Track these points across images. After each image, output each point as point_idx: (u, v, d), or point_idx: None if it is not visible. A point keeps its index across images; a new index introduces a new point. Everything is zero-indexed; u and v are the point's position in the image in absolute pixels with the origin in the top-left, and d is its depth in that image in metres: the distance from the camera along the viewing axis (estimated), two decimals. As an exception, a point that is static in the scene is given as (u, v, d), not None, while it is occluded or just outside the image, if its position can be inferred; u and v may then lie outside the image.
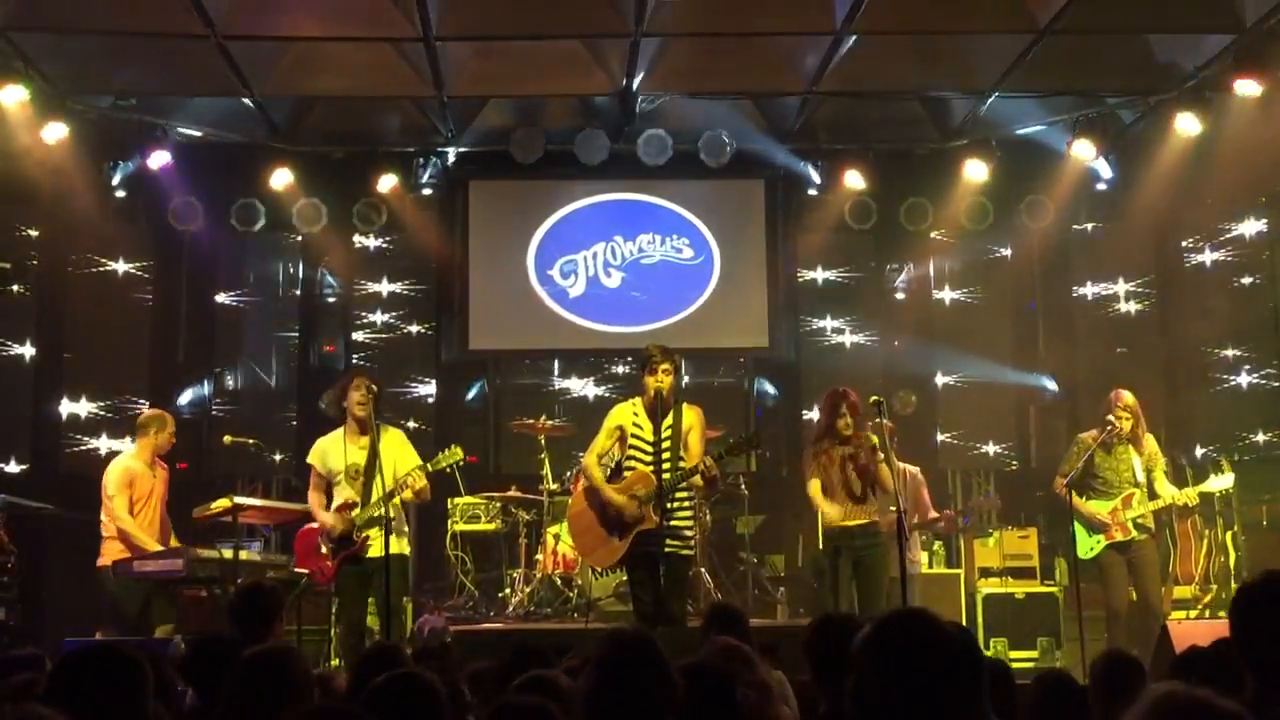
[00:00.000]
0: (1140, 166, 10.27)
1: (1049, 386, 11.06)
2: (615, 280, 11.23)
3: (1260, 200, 10.32)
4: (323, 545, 7.30)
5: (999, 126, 10.40)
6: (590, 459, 7.19)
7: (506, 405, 11.25)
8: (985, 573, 9.61)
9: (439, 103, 9.98)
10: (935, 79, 9.84)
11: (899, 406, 10.41)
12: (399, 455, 7.27)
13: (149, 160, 9.89)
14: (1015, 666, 8.49)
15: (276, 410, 10.92)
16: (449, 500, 9.63)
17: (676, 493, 6.92)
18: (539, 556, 9.35)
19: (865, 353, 11.25)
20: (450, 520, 9.68)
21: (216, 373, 10.95)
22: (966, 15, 8.67)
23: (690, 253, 11.25)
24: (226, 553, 7.45)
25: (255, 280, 11.10)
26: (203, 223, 10.58)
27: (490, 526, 9.71)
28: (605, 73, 9.60)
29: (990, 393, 11.04)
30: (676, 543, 6.93)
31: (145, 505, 7.84)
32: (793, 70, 9.57)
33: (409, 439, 7.57)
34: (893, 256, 11.49)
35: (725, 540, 10.05)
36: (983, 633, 8.97)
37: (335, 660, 8.22)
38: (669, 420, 6.98)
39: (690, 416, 7.06)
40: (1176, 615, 8.47)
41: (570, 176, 11.14)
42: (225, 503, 7.83)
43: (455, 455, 7.31)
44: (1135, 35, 9.16)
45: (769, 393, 11.49)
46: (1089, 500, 7.94)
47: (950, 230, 11.05)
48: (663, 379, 6.94)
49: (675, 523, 6.92)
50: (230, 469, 10.30)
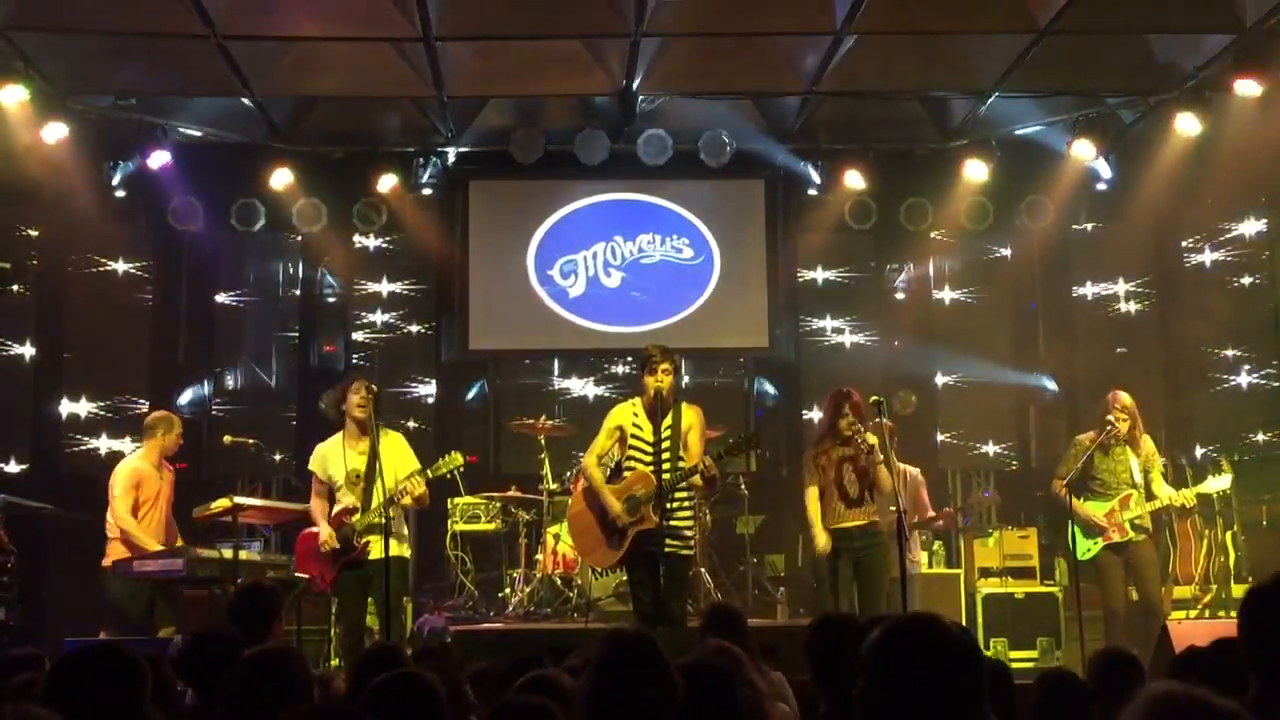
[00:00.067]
0: (1140, 166, 10.27)
1: (1049, 386, 11.06)
2: (615, 280, 11.22)
3: (1260, 200, 10.32)
4: (323, 551, 7.29)
5: (999, 126, 10.40)
6: (590, 459, 7.20)
7: (506, 405, 11.25)
8: (985, 573, 9.62)
9: (439, 103, 9.98)
10: (935, 79, 9.83)
11: (899, 406, 10.41)
12: (399, 459, 7.27)
13: (149, 160, 9.88)
14: (1015, 666, 8.52)
15: (276, 410, 10.90)
16: (449, 500, 9.63)
17: (676, 493, 6.92)
18: (539, 556, 9.35)
19: (865, 353, 11.23)
20: (450, 520, 9.68)
21: (216, 373, 10.92)
22: (966, 15, 8.67)
23: (690, 253, 11.25)
24: (226, 553, 7.45)
25: (255, 280, 11.08)
26: (203, 223, 10.57)
27: (490, 526, 9.71)
28: (605, 73, 9.60)
29: (990, 393, 11.03)
30: (676, 543, 6.93)
31: (152, 507, 7.85)
32: (793, 70, 9.57)
33: (409, 439, 7.58)
34: (893, 256, 11.48)
35: (725, 540, 10.05)
36: (983, 633, 8.98)
37: (335, 660, 8.22)
38: (668, 420, 6.98)
39: (690, 416, 7.07)
40: (1176, 615, 8.47)
41: (570, 176, 11.13)
42: (225, 503, 7.83)
43: (455, 461, 7.29)
44: (1135, 35, 9.16)
45: (769, 393, 11.48)
46: (1087, 501, 7.94)
47: (950, 230, 11.04)
48: (662, 379, 6.94)
49: (675, 523, 6.92)
50: (230, 469, 10.29)
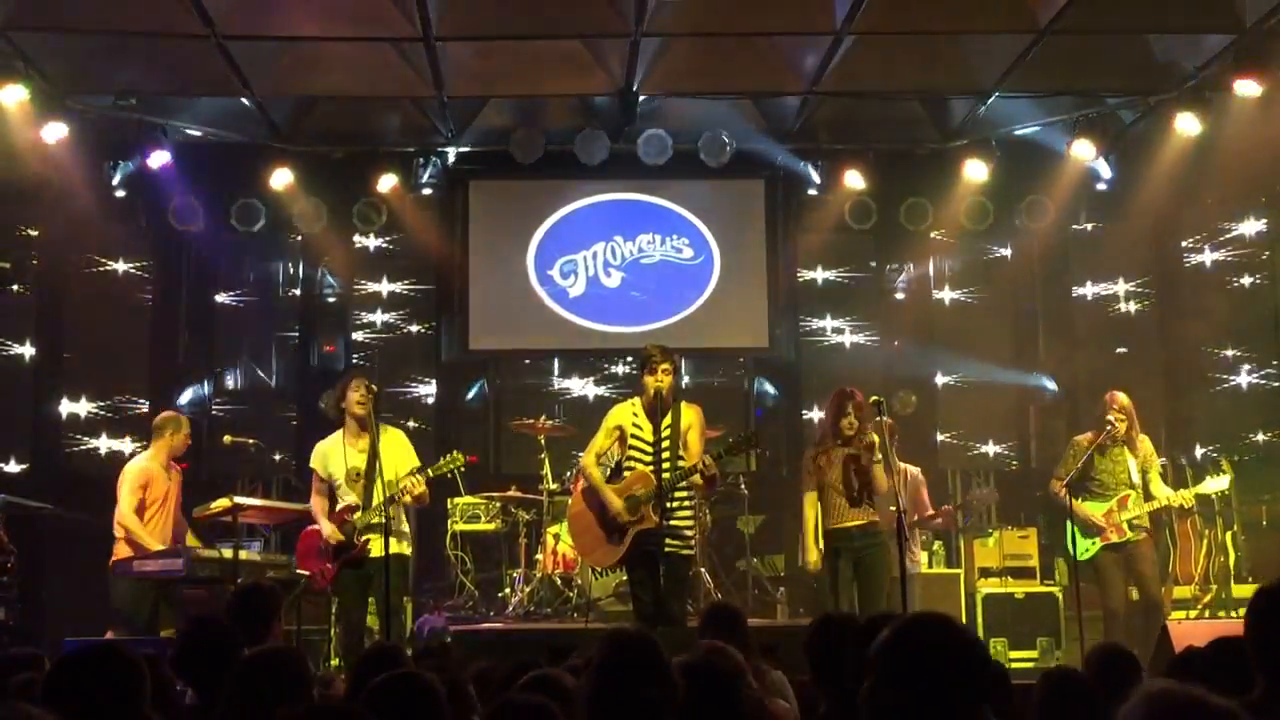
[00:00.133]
0: (1140, 166, 10.26)
1: (1049, 387, 11.06)
2: (615, 280, 11.22)
3: (1260, 200, 10.33)
4: (323, 549, 7.29)
5: (999, 126, 10.39)
6: (588, 458, 7.19)
7: (506, 405, 11.24)
8: (985, 573, 9.62)
9: (439, 103, 9.98)
10: (935, 79, 9.82)
11: (899, 406, 10.40)
12: (399, 456, 7.26)
13: (149, 160, 9.87)
14: (1015, 666, 8.54)
15: (276, 410, 10.92)
16: (449, 500, 9.63)
17: (676, 492, 6.92)
18: (539, 556, 9.34)
19: (865, 353, 11.24)
20: (450, 520, 9.68)
21: (216, 373, 10.94)
22: (966, 15, 8.67)
23: (690, 253, 11.24)
24: (226, 552, 7.46)
25: (255, 280, 11.09)
26: (203, 223, 10.56)
27: (490, 526, 9.71)
28: (605, 73, 9.59)
29: (990, 393, 11.04)
30: (676, 542, 6.93)
31: (161, 507, 7.86)
32: (793, 70, 9.57)
33: (409, 439, 7.56)
34: (893, 256, 11.47)
35: (725, 540, 10.04)
36: (982, 633, 8.96)
37: (335, 660, 8.22)
38: (668, 419, 6.98)
39: (689, 415, 7.06)
40: (1176, 615, 8.46)
41: (570, 176, 11.12)
42: (225, 503, 7.83)
43: (456, 461, 7.29)
44: (1135, 35, 9.15)
45: (769, 393, 11.47)
46: (1085, 501, 7.93)
47: (950, 230, 11.04)
48: (662, 379, 6.94)
49: (675, 522, 6.91)
50: (230, 469, 10.29)
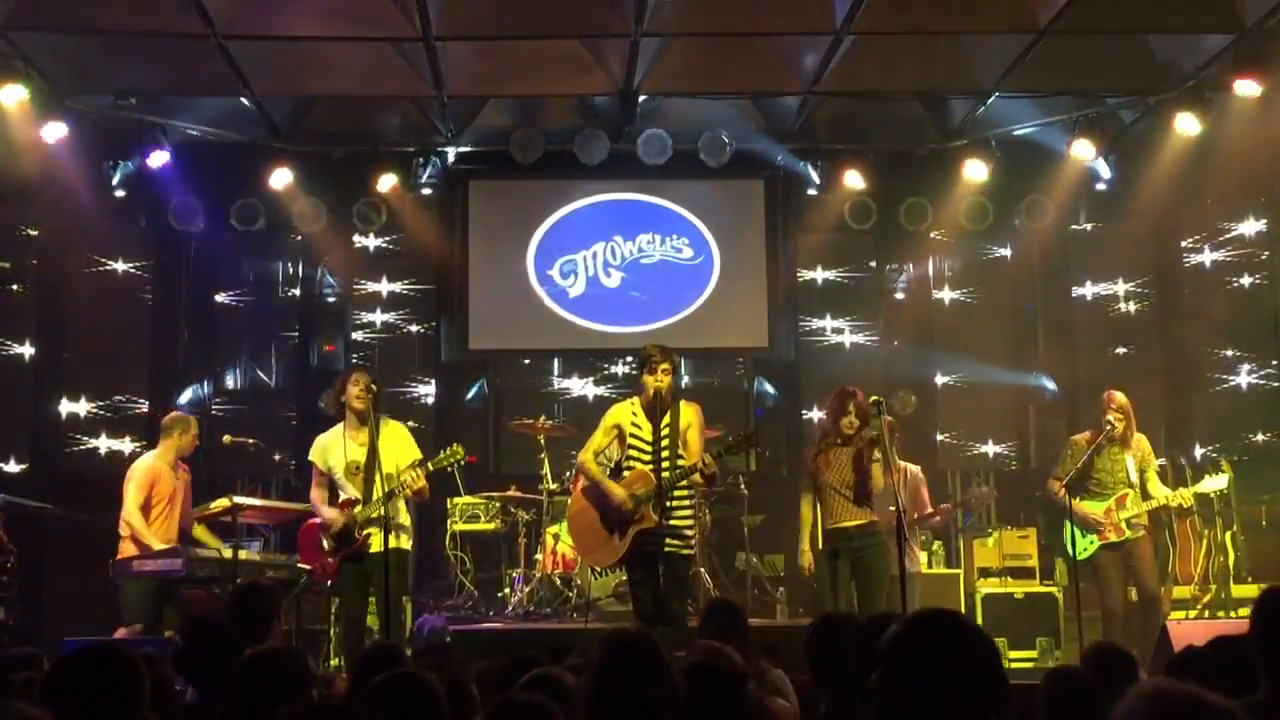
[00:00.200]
0: (1140, 166, 10.26)
1: (1048, 386, 11.06)
2: (615, 280, 11.22)
3: (1260, 200, 10.33)
4: (325, 542, 7.29)
5: (999, 126, 10.39)
6: (586, 455, 7.17)
7: (506, 405, 11.24)
8: (985, 573, 9.62)
9: (439, 103, 9.98)
10: (935, 79, 9.83)
11: (899, 406, 10.40)
12: (399, 449, 7.24)
13: (149, 160, 9.88)
14: (1015, 666, 8.54)
15: (276, 410, 10.91)
16: (449, 500, 9.64)
17: (676, 491, 6.91)
18: (538, 556, 9.35)
19: (865, 353, 11.24)
20: (450, 520, 9.69)
21: (216, 373, 10.94)
22: (966, 15, 8.67)
23: (690, 253, 11.24)
24: (226, 552, 7.46)
25: (255, 280, 11.09)
26: (202, 222, 10.57)
27: (490, 526, 9.72)
28: (605, 73, 9.59)
29: (990, 393, 11.03)
30: (677, 542, 6.92)
31: (167, 507, 7.87)
32: (793, 70, 9.57)
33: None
34: (892, 256, 11.47)
35: (725, 540, 10.04)
36: (982, 633, 8.96)
37: (335, 660, 8.22)
38: (667, 419, 6.97)
39: (689, 414, 7.05)
40: (1176, 615, 8.47)
41: (570, 176, 11.12)
42: (225, 503, 7.84)
43: (456, 454, 7.26)
44: (1135, 35, 9.15)
45: (769, 393, 11.47)
46: (1083, 500, 7.93)
47: (950, 230, 11.04)
48: (662, 379, 6.93)
49: (675, 522, 6.90)
50: (230, 469, 10.29)
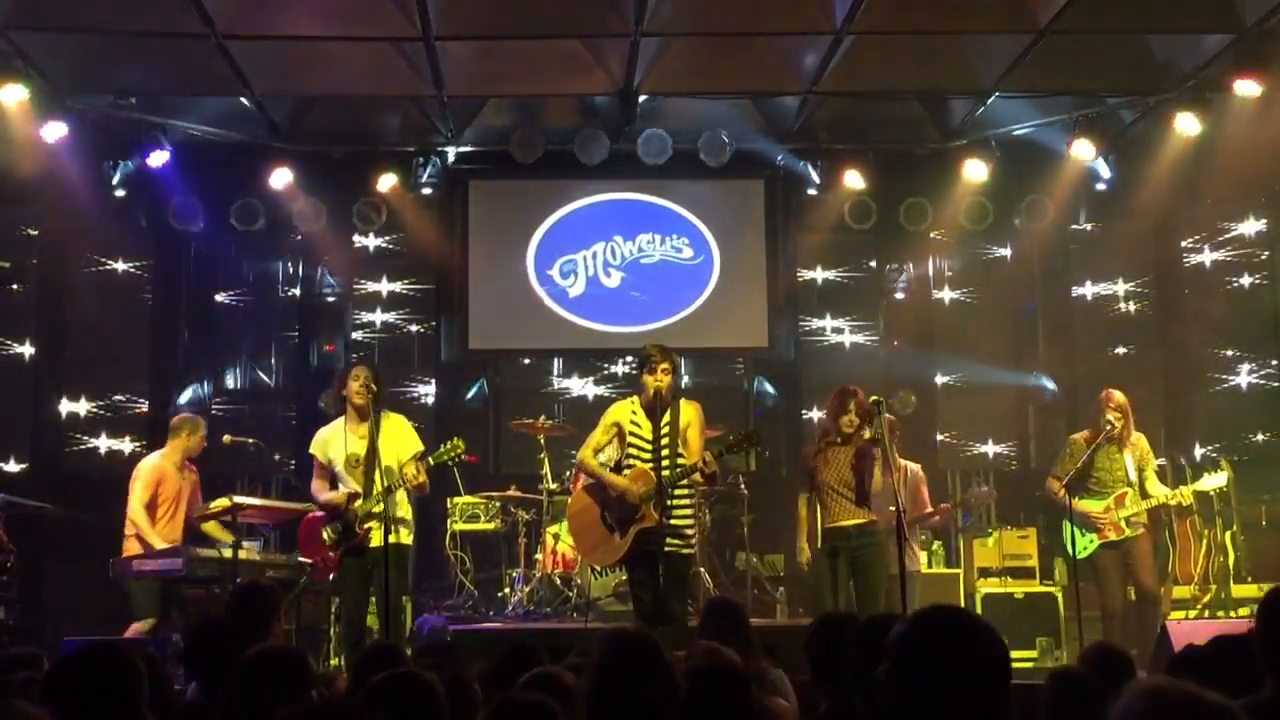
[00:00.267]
0: (1140, 166, 10.27)
1: (1048, 386, 11.06)
2: (615, 280, 11.22)
3: (1260, 200, 10.33)
4: (326, 536, 7.28)
5: (999, 126, 10.39)
6: (586, 452, 7.17)
7: (506, 405, 11.24)
8: (984, 573, 9.62)
9: (439, 102, 9.98)
10: (935, 79, 9.83)
11: (899, 406, 10.40)
12: (401, 442, 7.23)
13: (149, 160, 9.88)
14: (1015, 666, 8.50)
15: (276, 410, 10.93)
16: (449, 500, 9.64)
17: (676, 491, 6.91)
18: (538, 556, 9.35)
19: (865, 353, 11.24)
20: (450, 520, 9.68)
21: (216, 373, 10.95)
22: (966, 15, 8.67)
23: (690, 252, 11.24)
24: (226, 552, 7.46)
25: (255, 280, 11.09)
26: (202, 222, 10.57)
27: (490, 526, 9.72)
28: (605, 73, 9.59)
29: (990, 393, 11.03)
30: (677, 542, 6.92)
31: (172, 507, 7.89)
32: (793, 70, 9.57)
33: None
34: (893, 256, 11.47)
35: (725, 540, 10.04)
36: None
37: (335, 660, 8.22)
38: (667, 417, 6.97)
39: (689, 412, 7.05)
40: (1176, 615, 8.47)
41: (570, 176, 11.12)
42: (225, 502, 7.84)
43: (457, 448, 7.25)
44: (1135, 35, 9.15)
45: (769, 393, 11.47)
46: (1082, 499, 7.93)
47: (950, 230, 11.04)
48: (661, 378, 6.93)
49: (675, 521, 6.90)
50: (230, 469, 10.29)
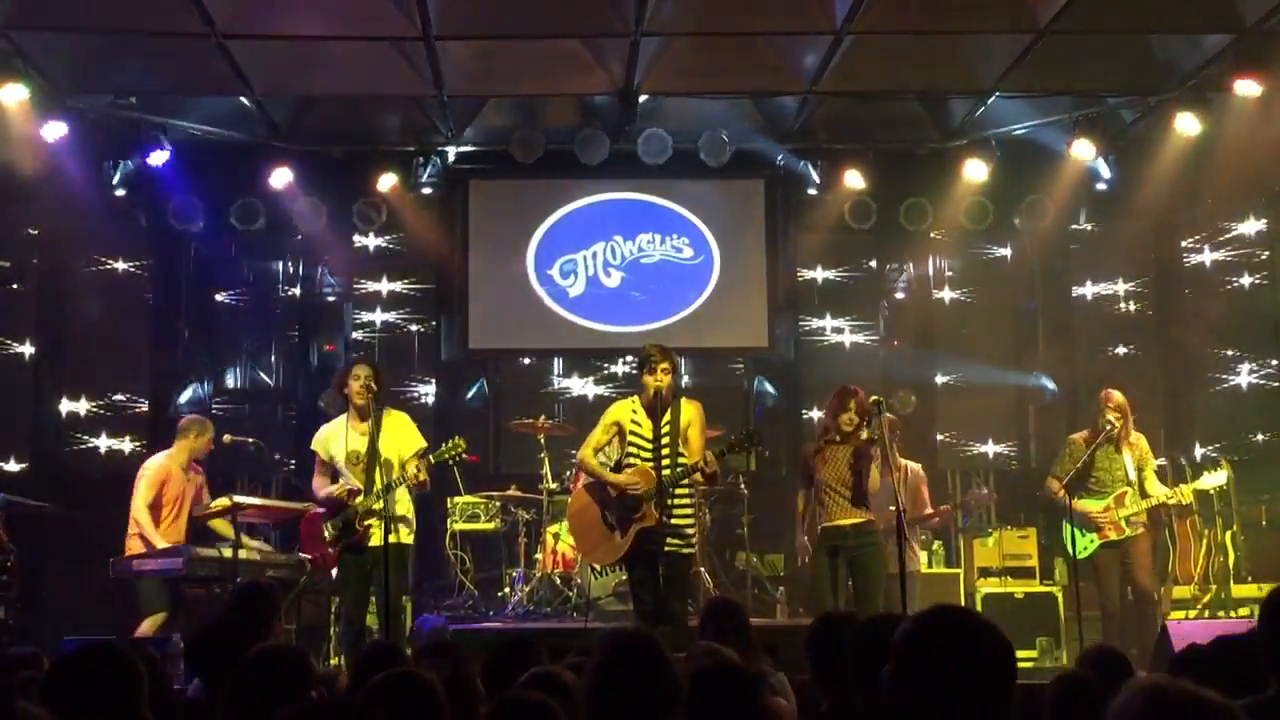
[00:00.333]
0: (1140, 166, 10.27)
1: (1048, 386, 11.06)
2: (615, 280, 11.22)
3: (1260, 200, 10.32)
4: (326, 532, 7.27)
5: (999, 126, 10.39)
6: (586, 451, 7.17)
7: (506, 405, 11.23)
8: (984, 572, 9.62)
9: (439, 102, 9.98)
10: (935, 79, 9.83)
11: (899, 406, 10.39)
12: (402, 439, 7.24)
13: (149, 159, 9.88)
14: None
15: (276, 410, 10.92)
16: (449, 500, 9.64)
17: (677, 490, 6.91)
18: (538, 556, 9.35)
19: (865, 352, 11.24)
20: (450, 519, 9.68)
21: (216, 372, 10.95)
22: (966, 15, 8.67)
23: (690, 252, 11.24)
24: (226, 551, 7.46)
25: (255, 280, 11.09)
26: (202, 222, 10.57)
27: (490, 526, 9.72)
28: (605, 72, 9.59)
29: (990, 393, 11.03)
30: (677, 541, 6.92)
31: (175, 506, 7.90)
32: (793, 70, 9.56)
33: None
34: (893, 256, 11.48)
35: (725, 539, 10.04)
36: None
37: (335, 659, 8.22)
38: (667, 417, 6.97)
39: (689, 411, 7.05)
40: (1176, 615, 8.46)
41: (570, 176, 11.12)
42: (225, 502, 7.84)
43: (458, 446, 7.27)
44: (1135, 35, 9.15)
45: (769, 392, 11.47)
46: (1082, 499, 7.93)
47: (950, 230, 11.04)
48: (661, 378, 6.93)
49: (676, 521, 6.90)
50: (230, 469, 10.29)
